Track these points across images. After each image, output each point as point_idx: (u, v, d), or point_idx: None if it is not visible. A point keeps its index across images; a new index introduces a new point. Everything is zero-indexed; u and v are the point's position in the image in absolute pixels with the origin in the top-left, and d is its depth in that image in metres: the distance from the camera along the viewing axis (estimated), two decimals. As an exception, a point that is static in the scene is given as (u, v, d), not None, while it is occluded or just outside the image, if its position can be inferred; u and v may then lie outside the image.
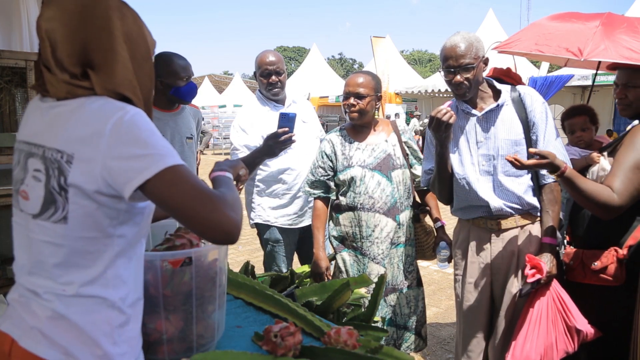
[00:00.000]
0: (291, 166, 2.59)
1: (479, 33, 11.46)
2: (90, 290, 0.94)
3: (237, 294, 1.49)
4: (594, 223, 1.89)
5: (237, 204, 0.99)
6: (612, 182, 1.68)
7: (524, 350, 1.87)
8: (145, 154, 0.89)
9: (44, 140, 0.95)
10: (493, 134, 1.97)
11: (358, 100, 2.25)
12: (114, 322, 0.95)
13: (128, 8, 1.01)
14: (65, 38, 0.94)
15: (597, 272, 1.80)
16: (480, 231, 2.05)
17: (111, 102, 0.94)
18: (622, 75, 1.91)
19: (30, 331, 0.94)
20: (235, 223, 0.92)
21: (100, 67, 0.95)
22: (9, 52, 2.32)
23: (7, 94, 2.59)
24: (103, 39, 0.95)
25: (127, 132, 0.90)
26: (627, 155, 1.72)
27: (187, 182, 0.91)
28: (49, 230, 0.94)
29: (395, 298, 2.31)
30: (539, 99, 1.99)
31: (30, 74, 2.28)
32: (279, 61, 2.59)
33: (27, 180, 0.97)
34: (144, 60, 1.02)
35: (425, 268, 4.64)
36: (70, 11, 0.94)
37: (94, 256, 0.94)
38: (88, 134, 0.90)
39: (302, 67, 19.36)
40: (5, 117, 2.69)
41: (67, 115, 0.94)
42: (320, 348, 1.19)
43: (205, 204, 0.90)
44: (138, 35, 1.01)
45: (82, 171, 0.90)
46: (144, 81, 1.01)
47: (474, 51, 1.89)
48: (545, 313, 1.86)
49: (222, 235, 0.92)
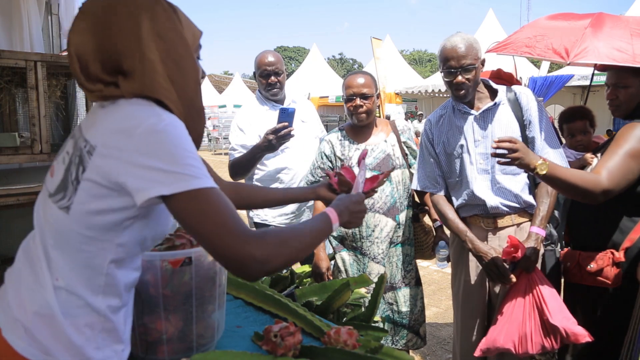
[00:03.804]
0: (288, 166, 2.59)
1: (479, 33, 11.51)
2: (79, 290, 0.92)
3: (237, 293, 1.49)
4: (591, 224, 1.89)
5: (284, 245, 0.94)
6: (600, 168, 1.67)
7: (493, 334, 1.88)
8: (171, 170, 0.85)
9: (84, 127, 0.96)
10: (490, 133, 1.98)
11: (364, 101, 2.25)
12: (98, 326, 0.94)
13: (161, 5, 0.96)
14: (97, 48, 0.92)
15: (593, 274, 1.80)
16: (477, 230, 2.06)
17: (148, 106, 0.91)
18: (612, 76, 1.91)
19: (14, 323, 0.92)
20: (255, 261, 0.87)
21: (129, 73, 0.92)
22: (9, 52, 2.31)
23: (7, 94, 2.59)
24: (131, 44, 0.92)
25: (156, 142, 0.86)
26: (617, 146, 1.70)
27: (211, 209, 0.87)
28: (54, 213, 0.94)
29: (393, 296, 2.31)
30: (534, 99, 2.01)
31: (30, 74, 2.28)
32: (278, 61, 2.59)
33: (59, 158, 0.98)
34: (182, 59, 0.96)
35: (425, 268, 4.64)
36: (100, 20, 0.93)
37: (88, 256, 0.92)
38: (116, 131, 0.89)
39: (302, 67, 19.36)
40: (5, 117, 2.69)
41: (106, 110, 0.94)
42: (320, 348, 1.19)
43: (223, 235, 0.86)
44: (173, 33, 0.95)
45: (99, 165, 0.89)
46: (183, 81, 0.96)
47: (474, 52, 1.90)
48: (521, 303, 1.87)
49: (236, 270, 0.89)
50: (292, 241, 0.97)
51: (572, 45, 2.19)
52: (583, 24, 2.31)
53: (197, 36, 1.02)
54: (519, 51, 2.34)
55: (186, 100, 0.96)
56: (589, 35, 2.20)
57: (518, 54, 2.39)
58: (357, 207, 1.22)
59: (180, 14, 1.00)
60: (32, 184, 2.34)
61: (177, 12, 0.99)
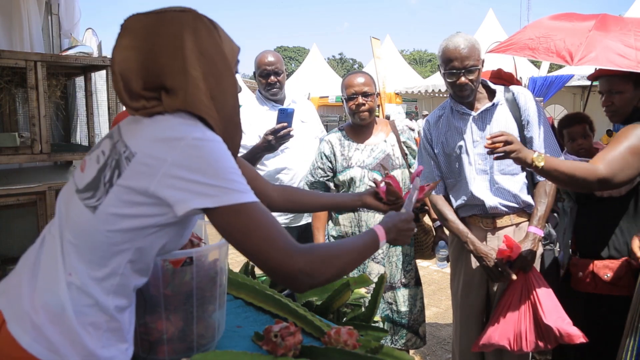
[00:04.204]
0: (288, 166, 2.59)
1: (479, 33, 11.50)
2: (90, 288, 0.92)
3: (237, 293, 1.49)
4: (600, 232, 1.88)
5: (331, 260, 0.96)
6: (598, 158, 1.66)
7: (488, 331, 1.90)
8: (216, 184, 0.87)
9: (125, 132, 0.95)
10: (488, 133, 1.98)
11: (366, 99, 2.25)
12: (103, 326, 0.94)
13: (203, 22, 0.98)
14: (140, 66, 0.93)
15: (609, 283, 1.79)
16: (475, 230, 2.07)
17: (192, 120, 0.93)
18: (604, 83, 1.90)
19: (22, 316, 0.92)
20: (303, 274, 0.90)
21: (173, 90, 0.93)
22: (9, 52, 2.32)
23: (7, 94, 2.59)
24: (175, 62, 0.93)
25: (199, 156, 0.87)
26: (617, 142, 1.68)
27: (256, 224, 0.89)
28: (78, 210, 0.94)
29: (393, 296, 2.31)
30: (533, 99, 2.01)
31: (30, 74, 2.28)
32: (278, 61, 2.59)
33: (92, 155, 0.98)
34: (222, 75, 0.98)
35: (425, 268, 4.64)
36: (144, 37, 0.93)
37: (106, 255, 0.93)
38: (158, 140, 0.89)
39: (302, 67, 19.33)
40: (5, 117, 2.69)
41: (150, 119, 0.94)
42: (320, 348, 1.19)
43: (270, 250, 0.89)
44: (214, 50, 0.97)
45: (136, 173, 0.89)
46: (222, 97, 0.97)
47: (476, 53, 1.90)
48: (517, 302, 1.87)
49: (285, 283, 0.92)
50: (338, 256, 0.99)
51: (576, 48, 2.18)
52: (587, 26, 2.30)
53: (235, 51, 1.04)
54: (521, 52, 2.33)
55: (225, 115, 0.98)
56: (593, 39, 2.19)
57: (520, 55, 2.38)
58: (405, 225, 1.22)
59: (220, 30, 1.01)
60: (32, 184, 2.34)
61: (217, 28, 1.01)
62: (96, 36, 3.95)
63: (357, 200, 1.51)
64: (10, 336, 0.91)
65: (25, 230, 2.55)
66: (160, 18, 0.95)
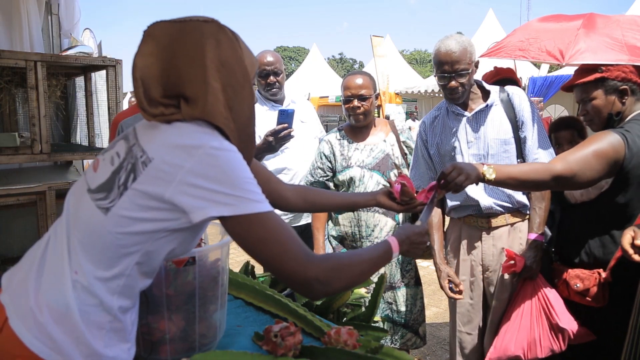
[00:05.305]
0: (288, 166, 2.59)
1: (479, 33, 11.51)
2: (96, 288, 0.92)
3: (237, 293, 1.50)
4: (580, 240, 1.85)
5: (344, 269, 0.98)
6: (557, 157, 1.64)
7: (504, 342, 1.88)
8: (232, 193, 0.89)
9: (141, 136, 0.96)
10: (483, 134, 1.99)
11: (362, 102, 2.25)
12: (106, 326, 0.94)
13: (225, 33, 0.99)
14: (161, 73, 0.94)
15: (580, 293, 1.79)
16: (471, 229, 2.07)
17: (209, 129, 0.94)
18: (578, 92, 1.87)
19: (26, 313, 0.91)
20: (317, 282, 0.92)
21: (192, 99, 0.94)
22: (9, 52, 2.31)
23: (7, 94, 2.60)
24: (196, 72, 0.94)
25: (216, 165, 0.89)
26: (584, 144, 1.66)
27: (271, 233, 0.91)
28: (89, 210, 0.94)
29: (393, 296, 2.31)
30: (527, 99, 2.02)
31: (30, 74, 2.28)
32: (277, 61, 2.60)
33: (106, 156, 0.98)
34: (241, 87, 0.99)
35: (425, 268, 4.64)
36: (165, 45, 0.94)
37: (114, 256, 0.93)
38: (176, 147, 0.90)
39: (302, 67, 19.31)
40: (5, 117, 2.69)
41: (168, 125, 0.95)
42: (320, 348, 1.19)
43: (285, 259, 0.91)
44: (234, 61, 0.98)
45: (152, 178, 0.89)
46: (239, 107, 0.99)
47: (468, 56, 1.89)
48: (528, 309, 1.87)
49: (300, 291, 0.95)
50: (352, 266, 1.01)
51: (567, 47, 2.18)
52: (575, 25, 2.31)
53: (254, 64, 1.05)
54: (512, 55, 2.34)
55: (240, 125, 0.99)
56: (583, 36, 2.20)
57: (512, 57, 2.39)
58: (418, 238, 1.23)
59: (241, 42, 1.02)
60: (32, 184, 2.34)
61: (239, 40, 1.02)
62: (94, 37, 3.95)
63: (371, 200, 1.52)
64: (13, 333, 0.90)
65: (25, 230, 2.55)
66: (183, 27, 0.96)
